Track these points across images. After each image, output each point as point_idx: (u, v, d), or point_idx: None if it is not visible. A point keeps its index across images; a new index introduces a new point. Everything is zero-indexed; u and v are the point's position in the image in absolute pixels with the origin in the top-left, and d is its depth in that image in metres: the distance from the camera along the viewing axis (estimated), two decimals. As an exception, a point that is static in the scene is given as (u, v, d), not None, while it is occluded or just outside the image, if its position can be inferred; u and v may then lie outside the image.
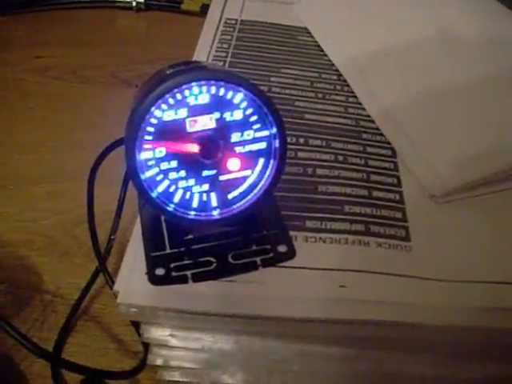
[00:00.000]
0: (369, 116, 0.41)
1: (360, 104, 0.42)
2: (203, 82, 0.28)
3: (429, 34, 0.47)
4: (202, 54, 0.46)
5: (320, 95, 0.43)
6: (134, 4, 0.67)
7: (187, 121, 0.29)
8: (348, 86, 0.44)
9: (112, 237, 0.39)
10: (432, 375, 0.33)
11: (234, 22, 0.50)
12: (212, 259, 0.31)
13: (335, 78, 0.45)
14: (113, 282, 0.35)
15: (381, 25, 0.49)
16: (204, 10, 0.62)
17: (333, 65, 0.46)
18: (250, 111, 0.29)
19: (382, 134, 0.40)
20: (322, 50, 0.47)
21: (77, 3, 0.67)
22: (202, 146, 0.29)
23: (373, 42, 0.47)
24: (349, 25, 0.49)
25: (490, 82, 0.43)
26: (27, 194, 0.47)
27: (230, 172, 0.30)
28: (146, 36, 0.65)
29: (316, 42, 0.48)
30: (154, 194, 0.29)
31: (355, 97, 0.43)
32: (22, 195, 0.47)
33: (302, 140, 0.38)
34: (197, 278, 0.30)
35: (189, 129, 0.29)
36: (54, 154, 0.50)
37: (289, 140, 0.38)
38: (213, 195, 0.30)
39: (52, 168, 0.49)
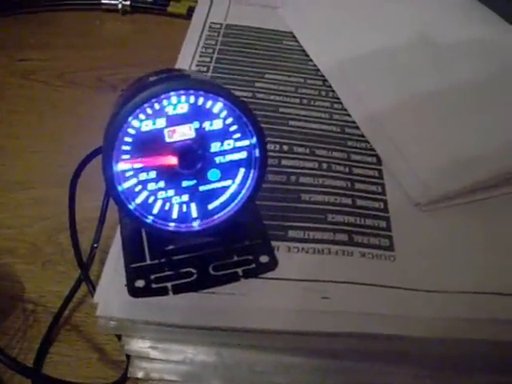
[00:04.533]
0: (354, 122, 0.41)
1: (345, 110, 0.42)
2: (182, 92, 0.27)
3: (415, 39, 0.47)
4: (186, 59, 0.45)
5: (305, 101, 0.43)
6: (120, 6, 0.66)
7: (166, 131, 0.28)
8: (333, 91, 0.44)
9: (95, 245, 0.39)
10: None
11: (218, 26, 0.50)
12: (193, 270, 0.31)
13: (320, 83, 0.45)
14: (95, 291, 0.35)
15: (367, 31, 0.48)
16: (190, 12, 0.61)
17: (318, 70, 0.46)
18: (229, 121, 0.29)
19: (367, 141, 0.39)
20: (308, 55, 0.47)
21: (62, 5, 0.66)
22: (181, 156, 0.29)
23: (359, 48, 0.46)
24: (334, 30, 0.49)
25: (475, 89, 0.43)
26: (10, 200, 0.46)
27: (210, 182, 0.30)
28: (132, 39, 0.64)
29: (301, 46, 0.48)
30: (131, 206, 0.29)
31: (340, 103, 0.43)
32: (4, 201, 0.46)
33: (285, 147, 0.38)
34: (177, 290, 0.30)
35: (167, 139, 0.28)
36: (38, 160, 0.49)
37: (272, 147, 0.38)
38: (193, 206, 0.30)
39: (36, 174, 0.48)
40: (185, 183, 0.29)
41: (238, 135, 0.29)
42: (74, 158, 0.36)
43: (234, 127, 0.29)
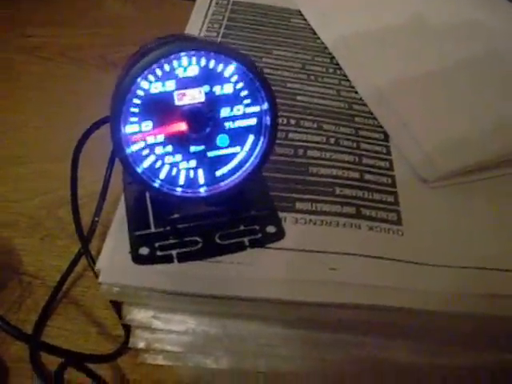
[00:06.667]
0: (361, 99, 0.40)
1: (353, 87, 0.42)
2: (193, 53, 0.27)
3: (422, 16, 0.47)
4: (193, 33, 0.45)
5: (312, 77, 0.42)
6: (125, -14, 0.66)
7: (175, 94, 0.28)
8: (341, 69, 0.43)
9: (96, 219, 0.38)
10: (422, 362, 0.32)
11: (226, 2, 0.49)
12: (198, 239, 0.30)
13: (328, 60, 0.44)
14: (95, 265, 0.35)
15: (374, 9, 0.48)
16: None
17: (326, 48, 0.45)
18: (240, 85, 0.28)
19: (374, 118, 0.39)
20: (315, 33, 0.47)
21: (66, -17, 0.66)
22: (190, 120, 0.28)
23: (366, 25, 0.46)
24: (342, 7, 0.49)
25: (484, 67, 0.42)
26: (11, 173, 0.46)
27: (218, 148, 0.29)
28: (136, 18, 0.64)
29: (309, 24, 0.48)
30: (139, 169, 0.28)
31: (348, 80, 0.42)
32: (5, 175, 0.45)
33: (293, 121, 0.38)
34: (182, 258, 0.30)
35: (177, 102, 0.28)
36: (39, 134, 0.49)
37: (280, 121, 0.37)
38: (200, 172, 0.30)
39: (36, 148, 0.48)
40: (193, 148, 0.29)
41: (248, 101, 0.29)
42: (76, 133, 0.35)
43: (245, 92, 0.28)
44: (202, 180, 0.30)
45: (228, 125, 0.29)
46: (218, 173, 0.30)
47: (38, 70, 0.56)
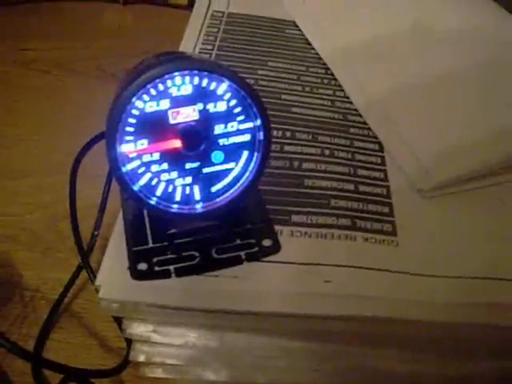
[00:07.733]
0: (356, 110, 0.41)
1: (347, 98, 0.42)
2: (186, 72, 0.27)
3: (415, 26, 0.47)
4: (188, 46, 0.45)
5: (307, 89, 0.42)
6: (122, -4, 0.66)
7: (170, 112, 0.28)
8: (335, 79, 0.43)
9: (95, 232, 0.39)
10: (418, 372, 0.32)
11: (220, 14, 0.50)
12: (195, 253, 0.31)
13: (323, 71, 0.44)
14: (96, 278, 0.35)
15: (368, 18, 0.48)
16: (192, 3, 0.61)
17: (320, 58, 0.45)
18: (233, 103, 0.29)
19: (369, 128, 0.39)
20: (310, 44, 0.47)
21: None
22: (185, 137, 0.28)
23: (360, 36, 0.46)
24: (336, 18, 0.49)
25: (477, 75, 0.43)
26: (10, 187, 0.46)
27: (213, 164, 0.30)
28: (133, 29, 0.65)
29: (303, 35, 0.48)
30: (135, 187, 0.29)
31: (342, 91, 0.42)
32: (5, 189, 0.46)
33: (288, 133, 0.38)
34: (180, 273, 0.30)
35: (171, 120, 0.28)
36: (38, 148, 0.49)
37: (275, 133, 0.37)
38: (196, 188, 0.30)
39: (36, 162, 0.48)
40: (188, 165, 0.29)
41: (241, 117, 0.29)
42: (74, 146, 0.36)
43: (238, 109, 0.29)
44: (197, 196, 0.30)
45: (222, 141, 0.29)
46: (214, 189, 0.30)
47: (34, 83, 0.56)
